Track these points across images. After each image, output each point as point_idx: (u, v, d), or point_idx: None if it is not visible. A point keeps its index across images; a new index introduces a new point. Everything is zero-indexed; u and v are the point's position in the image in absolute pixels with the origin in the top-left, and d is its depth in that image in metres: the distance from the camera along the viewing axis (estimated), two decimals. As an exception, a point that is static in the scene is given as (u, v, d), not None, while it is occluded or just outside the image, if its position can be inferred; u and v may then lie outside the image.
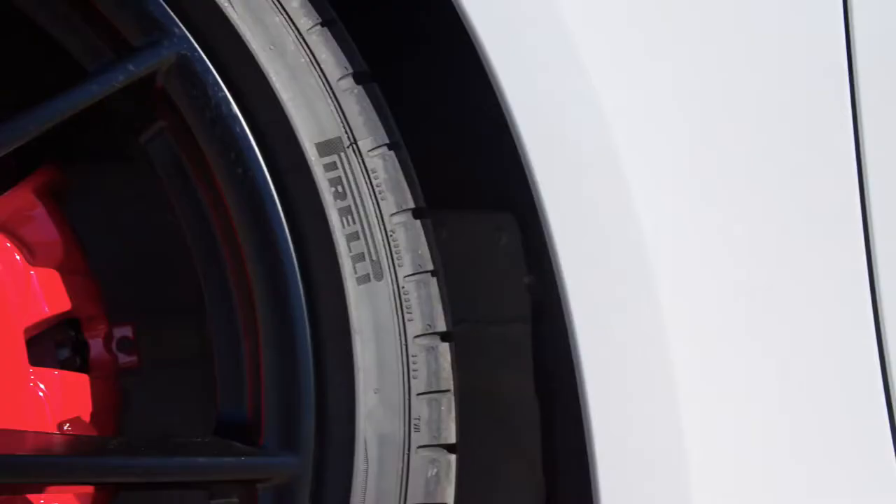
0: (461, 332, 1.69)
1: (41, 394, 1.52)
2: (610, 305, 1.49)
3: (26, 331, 1.52)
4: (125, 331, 1.63)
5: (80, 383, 1.56)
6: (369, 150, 1.48)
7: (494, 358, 1.81)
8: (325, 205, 1.45)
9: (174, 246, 1.85)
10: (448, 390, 1.50)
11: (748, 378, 1.52)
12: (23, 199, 1.54)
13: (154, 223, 1.91)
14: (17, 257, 1.53)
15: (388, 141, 1.49)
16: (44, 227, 1.56)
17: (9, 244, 1.53)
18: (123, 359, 1.62)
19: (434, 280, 1.50)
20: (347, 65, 1.49)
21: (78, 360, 1.59)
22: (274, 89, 1.45)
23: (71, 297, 1.56)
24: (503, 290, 1.83)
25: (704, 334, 1.51)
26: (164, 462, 1.44)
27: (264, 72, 1.45)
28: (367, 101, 1.49)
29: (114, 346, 1.63)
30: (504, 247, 1.86)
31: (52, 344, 1.58)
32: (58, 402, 1.53)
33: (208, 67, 1.46)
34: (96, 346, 1.61)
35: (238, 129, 1.45)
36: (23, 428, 1.49)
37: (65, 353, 1.59)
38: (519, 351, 1.83)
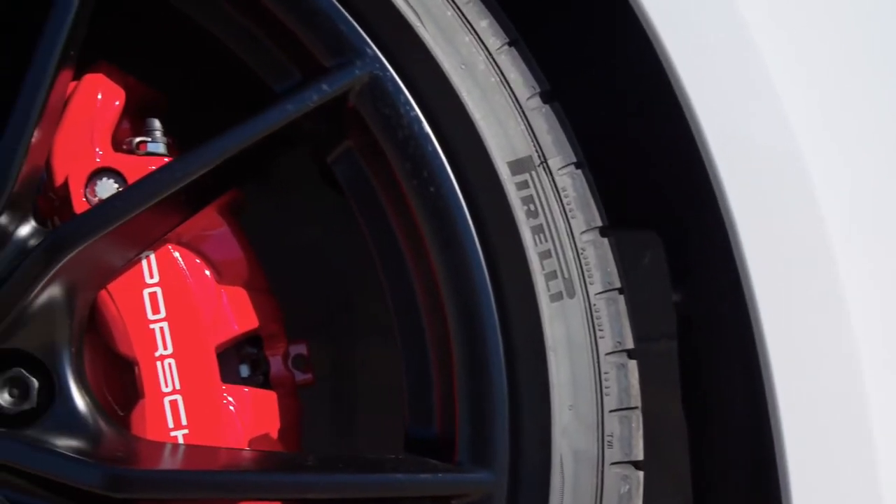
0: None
1: (233, 410, 1.53)
2: (800, 313, 1.49)
3: (216, 348, 1.53)
4: (300, 348, 1.64)
5: (268, 400, 1.57)
6: (559, 169, 1.49)
7: (641, 374, 1.81)
8: (517, 223, 1.46)
9: (350, 263, 1.88)
10: (637, 407, 1.50)
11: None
12: (207, 218, 1.55)
13: (328, 241, 1.94)
14: (208, 273, 1.54)
15: (574, 160, 1.50)
16: (227, 245, 1.57)
17: (198, 260, 1.54)
18: (300, 376, 1.63)
19: (622, 297, 1.51)
20: (535, 84, 1.50)
21: (260, 378, 1.60)
22: (466, 108, 1.47)
23: (256, 315, 1.57)
24: (648, 308, 1.83)
25: None
26: (363, 479, 1.45)
27: (456, 91, 1.47)
28: (555, 119, 1.50)
29: (289, 363, 1.64)
30: (648, 264, 1.87)
31: (236, 361, 1.59)
32: (249, 418, 1.54)
33: (400, 87, 1.47)
34: (276, 363, 1.62)
35: (430, 149, 1.47)
36: (218, 444, 1.51)
37: (245, 369, 1.60)
38: (665, 367, 1.83)
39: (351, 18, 1.47)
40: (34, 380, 1.47)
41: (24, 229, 1.47)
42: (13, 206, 1.45)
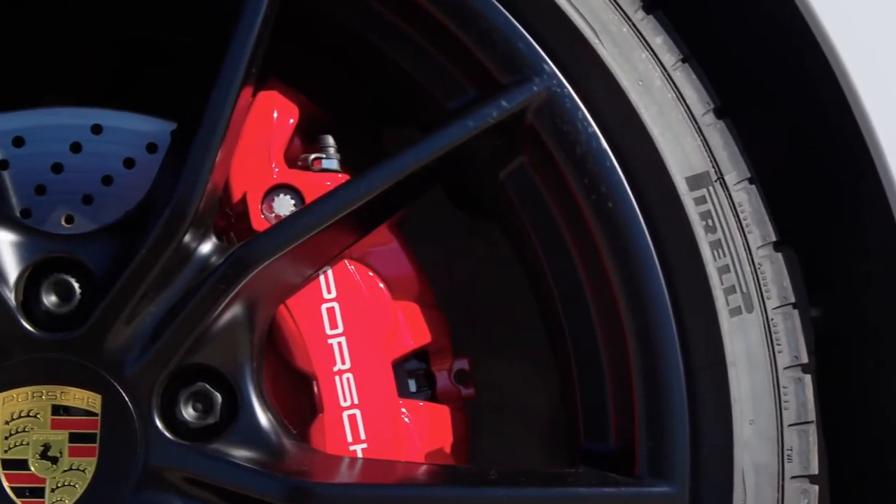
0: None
1: (409, 424, 1.54)
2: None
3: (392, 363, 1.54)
4: (462, 363, 1.65)
5: (441, 414, 1.58)
6: (735, 184, 1.50)
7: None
8: (697, 238, 1.47)
9: (510, 278, 1.89)
10: (813, 421, 1.51)
11: None
12: (377, 234, 1.56)
13: (489, 256, 1.95)
14: (381, 286, 1.55)
15: (749, 175, 1.51)
16: (398, 261, 1.59)
17: (371, 273, 1.55)
18: (464, 391, 1.64)
19: (796, 312, 1.51)
20: (708, 100, 1.51)
21: (428, 392, 1.61)
22: (645, 125, 1.48)
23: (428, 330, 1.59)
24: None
25: None
26: (547, 493, 1.46)
27: (635, 107, 1.48)
28: (728, 135, 1.51)
29: (451, 377, 1.64)
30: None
31: (404, 376, 1.59)
32: (425, 432, 1.55)
33: (577, 103, 1.48)
34: (441, 378, 1.63)
35: (608, 164, 1.48)
36: (396, 458, 1.52)
37: (413, 384, 1.61)
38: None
39: (528, 36, 1.48)
40: (218, 394, 1.48)
41: (206, 247, 1.49)
42: (196, 224, 1.46)
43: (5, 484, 1.46)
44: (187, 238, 1.46)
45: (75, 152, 1.62)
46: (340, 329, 1.52)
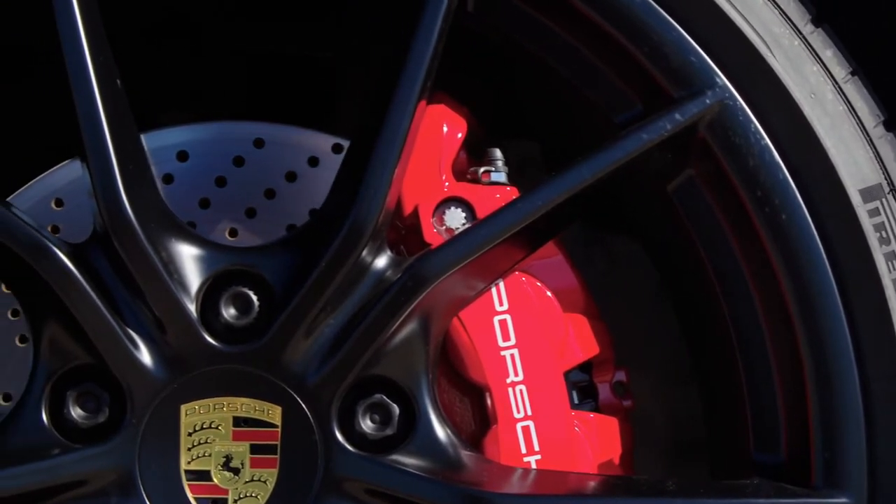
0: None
1: (581, 436, 1.55)
2: None
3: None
4: (620, 375, 1.66)
5: (611, 426, 1.59)
6: (906, 196, 1.50)
7: None
8: (871, 250, 1.48)
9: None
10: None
11: None
12: (545, 247, 1.57)
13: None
14: (549, 294, 1.56)
15: (919, 187, 1.52)
16: (564, 273, 1.60)
17: (540, 285, 1.57)
18: (625, 402, 1.65)
19: (963, 328, 1.52)
20: (879, 112, 1.51)
21: (592, 403, 1.62)
22: (818, 137, 1.49)
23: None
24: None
25: None
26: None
27: (808, 120, 1.49)
28: (899, 148, 1.52)
29: (612, 389, 1.65)
30: None
31: (569, 387, 1.60)
32: (596, 444, 1.56)
33: (750, 116, 1.49)
34: (603, 389, 1.63)
35: (781, 177, 1.49)
36: (570, 470, 1.53)
37: (575, 396, 1.61)
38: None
39: (700, 49, 1.49)
40: (395, 406, 1.50)
41: (381, 260, 1.50)
42: (373, 238, 1.47)
43: (189, 495, 1.47)
44: (364, 252, 1.48)
45: (238, 166, 1.64)
46: (513, 341, 1.53)
